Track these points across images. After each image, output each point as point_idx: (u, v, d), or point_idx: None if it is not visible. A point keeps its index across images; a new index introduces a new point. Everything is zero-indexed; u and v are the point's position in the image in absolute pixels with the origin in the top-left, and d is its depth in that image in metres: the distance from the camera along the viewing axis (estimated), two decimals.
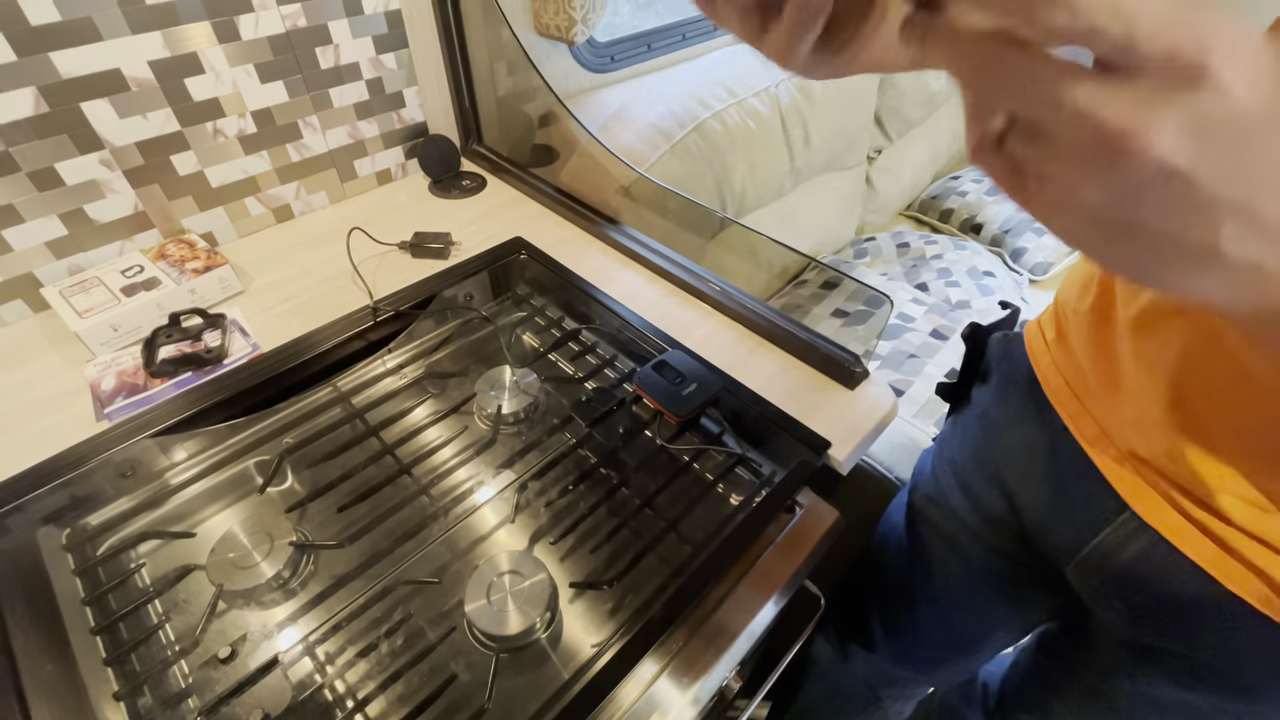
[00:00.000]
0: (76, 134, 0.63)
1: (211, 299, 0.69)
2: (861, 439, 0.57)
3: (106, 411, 0.57)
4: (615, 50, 1.12)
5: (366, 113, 0.83)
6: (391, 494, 0.55)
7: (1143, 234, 0.19)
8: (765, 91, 1.12)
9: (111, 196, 0.67)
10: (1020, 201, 0.21)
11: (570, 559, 0.52)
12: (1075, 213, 0.19)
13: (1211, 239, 0.18)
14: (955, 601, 0.61)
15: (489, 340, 0.71)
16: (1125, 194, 0.18)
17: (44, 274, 0.66)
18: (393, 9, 0.79)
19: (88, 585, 0.49)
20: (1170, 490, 0.38)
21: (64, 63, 0.59)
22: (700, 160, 1.01)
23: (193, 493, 0.55)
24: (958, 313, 1.16)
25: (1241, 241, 0.18)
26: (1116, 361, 0.41)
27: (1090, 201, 0.19)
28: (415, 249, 0.77)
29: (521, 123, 0.98)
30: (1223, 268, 0.19)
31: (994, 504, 0.53)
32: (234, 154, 0.74)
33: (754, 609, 0.48)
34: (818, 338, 0.64)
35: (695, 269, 0.73)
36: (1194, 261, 0.19)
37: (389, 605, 0.48)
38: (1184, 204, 0.18)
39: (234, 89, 0.71)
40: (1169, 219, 0.18)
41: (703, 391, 0.58)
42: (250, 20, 0.68)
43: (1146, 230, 0.18)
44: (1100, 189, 0.18)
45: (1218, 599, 0.38)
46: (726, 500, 0.56)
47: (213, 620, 0.47)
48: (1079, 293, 0.47)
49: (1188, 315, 0.35)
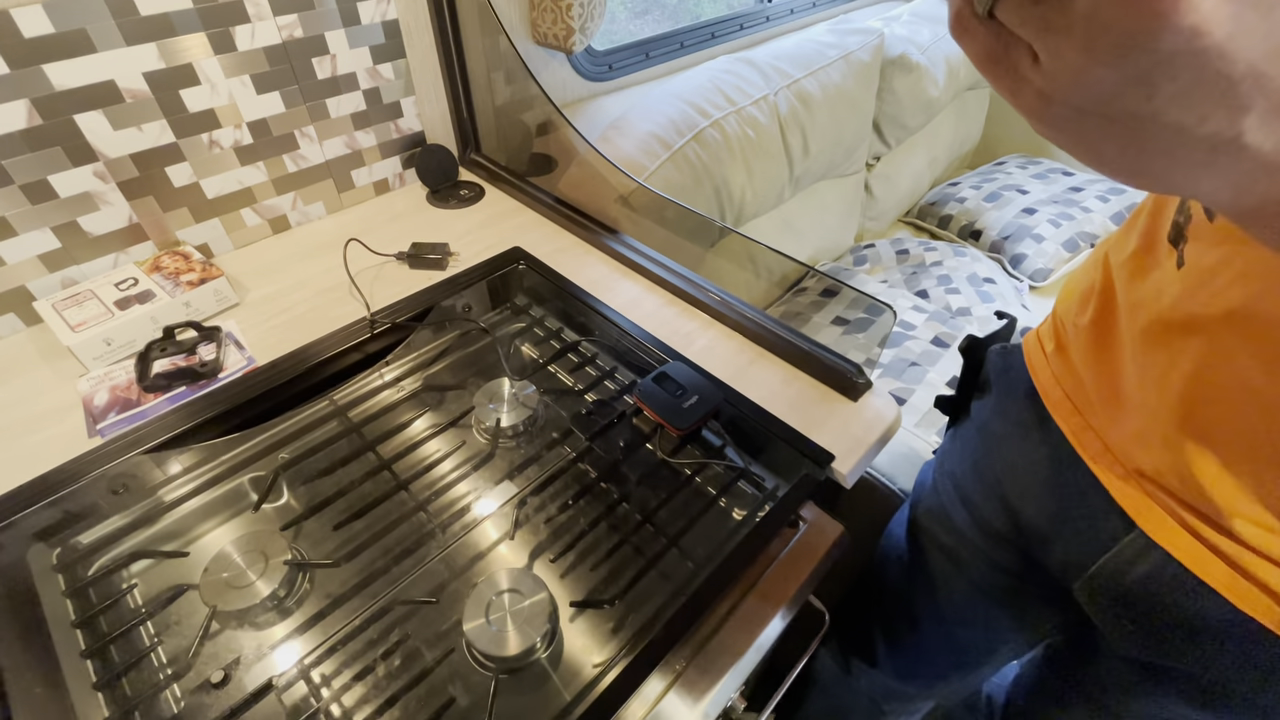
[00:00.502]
0: (70, 146, 0.62)
1: (206, 312, 0.68)
2: (865, 451, 0.56)
3: (99, 427, 0.57)
4: (613, 59, 1.12)
5: (364, 123, 0.82)
6: (389, 510, 0.54)
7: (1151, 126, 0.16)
8: (764, 100, 1.11)
9: (105, 209, 0.67)
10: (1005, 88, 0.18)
11: (570, 576, 0.51)
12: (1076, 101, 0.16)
13: (1233, 129, 0.16)
14: (958, 617, 0.61)
15: (487, 352, 0.71)
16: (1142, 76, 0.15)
17: (37, 287, 0.66)
18: (390, 19, 0.78)
19: (78, 607, 0.48)
20: (1179, 509, 0.38)
21: (57, 75, 0.59)
22: (699, 169, 1.01)
23: (186, 510, 0.54)
24: (958, 320, 1.15)
25: (1266, 130, 0.16)
26: (1120, 377, 0.41)
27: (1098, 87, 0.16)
28: (413, 260, 0.76)
29: (519, 132, 0.98)
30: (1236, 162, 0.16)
31: (996, 519, 0.52)
32: (230, 165, 0.73)
33: (759, 626, 0.47)
34: (819, 348, 0.63)
35: (695, 278, 0.72)
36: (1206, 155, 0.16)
37: (386, 626, 0.48)
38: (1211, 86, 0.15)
39: (230, 100, 0.70)
40: (1189, 107, 0.15)
41: (704, 404, 0.57)
42: (246, 31, 0.68)
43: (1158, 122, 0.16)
44: (1113, 69, 0.15)
45: (1230, 620, 0.37)
46: (729, 515, 0.56)
47: (205, 642, 0.46)
48: (1078, 305, 0.46)
49: (1196, 333, 0.34)
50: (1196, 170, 0.17)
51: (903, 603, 0.66)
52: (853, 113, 1.30)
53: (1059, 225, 1.44)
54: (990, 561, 0.55)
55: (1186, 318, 0.35)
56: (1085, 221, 1.44)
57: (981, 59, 0.18)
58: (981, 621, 0.59)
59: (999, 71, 0.18)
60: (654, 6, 1.63)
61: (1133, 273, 0.40)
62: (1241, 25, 0.14)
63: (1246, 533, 0.35)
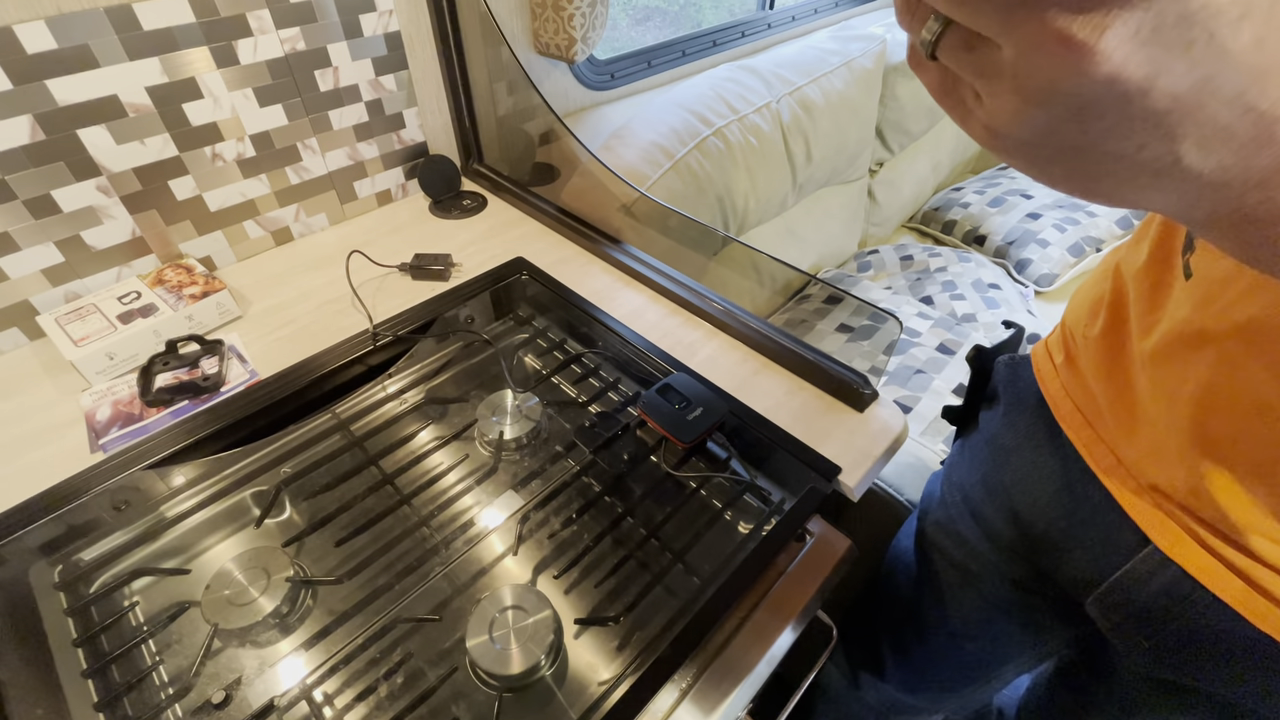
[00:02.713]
0: (73, 161, 0.62)
1: (209, 324, 0.68)
2: (873, 463, 0.55)
3: (101, 442, 0.56)
4: (615, 68, 1.12)
5: (366, 134, 0.83)
6: (391, 526, 0.54)
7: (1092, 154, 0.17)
8: (766, 108, 1.11)
9: (109, 223, 0.67)
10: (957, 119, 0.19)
11: (575, 592, 0.50)
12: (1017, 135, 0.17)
13: (1170, 155, 0.16)
14: (967, 630, 0.60)
15: (490, 363, 0.70)
16: (1070, 116, 0.16)
17: (40, 301, 0.66)
18: (392, 31, 0.78)
19: (80, 625, 0.47)
20: (1194, 525, 0.37)
21: (60, 90, 0.59)
22: (702, 177, 1.00)
23: (188, 526, 0.54)
24: (964, 326, 1.15)
25: (1206, 152, 0.16)
26: (1132, 391, 0.40)
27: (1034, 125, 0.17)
28: (416, 271, 0.76)
29: (522, 142, 0.98)
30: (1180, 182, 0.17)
31: (1005, 532, 0.52)
32: (233, 178, 0.73)
33: (767, 643, 0.47)
34: (824, 358, 0.63)
35: (698, 288, 0.72)
36: (1150, 178, 0.17)
37: (388, 644, 0.47)
38: (1140, 121, 0.16)
39: (233, 113, 0.70)
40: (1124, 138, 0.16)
41: (708, 416, 0.57)
42: (249, 45, 0.68)
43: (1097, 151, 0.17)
44: (1044, 110, 0.16)
45: (1246, 637, 0.36)
46: (735, 529, 0.55)
47: (207, 661, 0.46)
48: (1088, 316, 0.45)
49: (1208, 347, 0.34)
50: (1145, 189, 0.18)
51: (911, 615, 0.66)
52: (855, 119, 1.30)
53: (1064, 230, 1.43)
54: (1000, 575, 0.55)
55: (1198, 331, 0.34)
56: (1091, 226, 1.44)
57: (934, 91, 0.20)
58: (991, 635, 0.59)
59: (949, 104, 0.19)
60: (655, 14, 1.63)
61: (1144, 284, 0.40)
62: (1159, 67, 0.15)
63: (1262, 548, 0.34)
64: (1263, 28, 0.15)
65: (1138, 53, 0.15)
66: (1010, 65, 0.16)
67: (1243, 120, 0.15)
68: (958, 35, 0.18)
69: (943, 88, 0.19)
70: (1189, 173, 0.17)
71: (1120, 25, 0.14)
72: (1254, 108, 0.15)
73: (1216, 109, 0.15)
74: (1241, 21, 0.15)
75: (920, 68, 0.19)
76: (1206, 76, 0.15)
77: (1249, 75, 0.15)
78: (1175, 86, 0.15)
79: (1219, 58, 0.15)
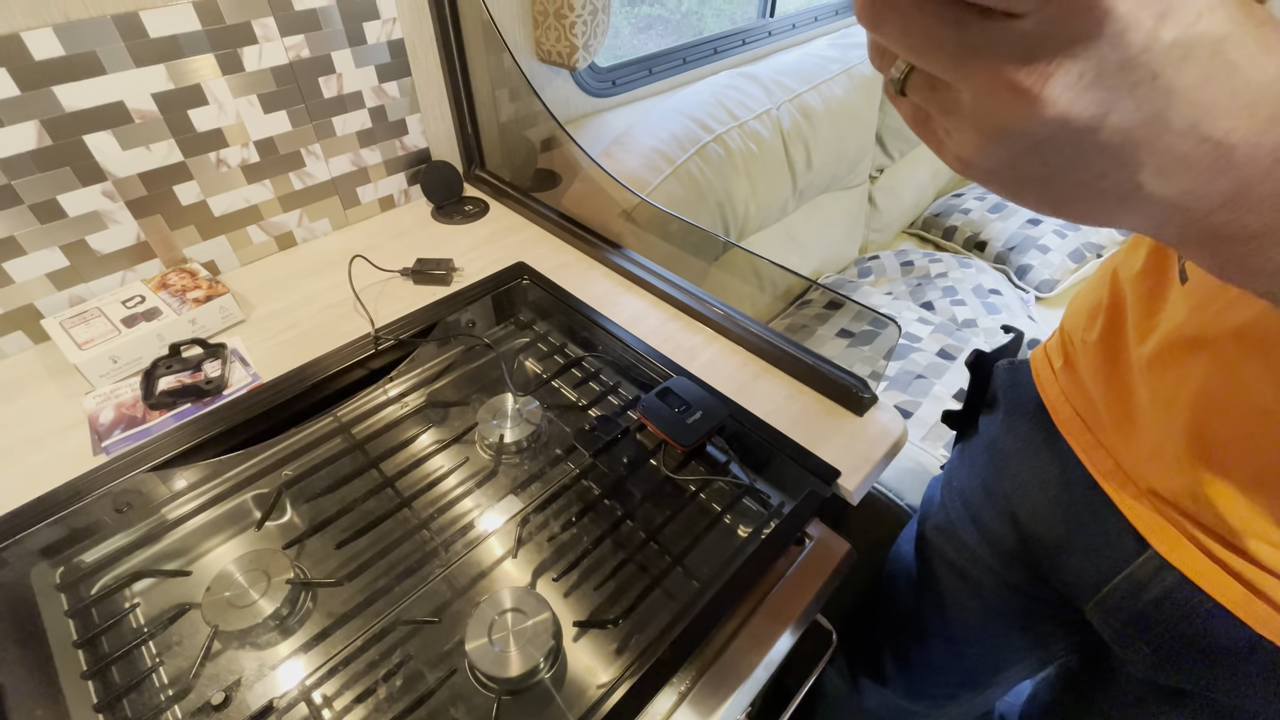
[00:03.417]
0: (79, 166, 0.63)
1: (212, 328, 0.69)
2: (872, 467, 0.56)
3: (104, 445, 0.57)
4: (616, 75, 1.13)
5: (369, 140, 0.83)
6: (391, 528, 0.54)
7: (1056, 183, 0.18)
8: (766, 114, 1.12)
9: (113, 227, 0.67)
10: (931, 147, 0.20)
11: (574, 595, 0.50)
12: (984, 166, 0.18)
13: (1131, 183, 0.17)
14: (968, 636, 0.60)
15: (491, 367, 0.71)
16: (1029, 151, 0.17)
17: (44, 305, 0.66)
18: (395, 38, 0.79)
19: (80, 627, 0.47)
20: (1193, 530, 0.37)
21: (67, 96, 0.60)
22: (703, 183, 1.01)
23: (190, 528, 0.54)
24: (964, 332, 1.15)
25: (1166, 178, 0.17)
26: (1130, 395, 0.40)
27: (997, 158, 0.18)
28: (417, 275, 0.76)
29: (523, 148, 0.98)
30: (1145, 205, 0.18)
31: (1006, 537, 0.52)
32: (237, 183, 0.74)
33: (765, 647, 0.47)
34: (824, 362, 0.63)
35: (698, 293, 0.72)
36: (1115, 202, 0.18)
37: (388, 646, 0.47)
38: (1096, 154, 0.17)
39: (237, 119, 0.71)
40: (1083, 168, 0.17)
41: (708, 419, 0.57)
42: (254, 52, 0.69)
43: (1061, 179, 0.18)
44: (1004, 147, 0.17)
45: (1247, 642, 0.36)
46: (734, 532, 0.55)
47: (207, 663, 0.46)
48: (1086, 321, 0.46)
49: (1206, 351, 0.34)
50: (1113, 212, 0.18)
51: (911, 620, 0.65)
52: (855, 126, 1.31)
53: (1064, 236, 1.43)
54: (1001, 580, 0.55)
55: (1195, 335, 0.35)
56: (1091, 232, 1.44)
57: (909, 123, 0.21)
58: (992, 640, 0.58)
59: (923, 134, 0.20)
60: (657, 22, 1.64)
61: (1141, 289, 0.40)
62: (1107, 106, 0.16)
63: (1261, 553, 0.34)
64: (1207, 65, 0.15)
65: (1084, 95, 0.15)
66: (968, 106, 0.17)
67: (1199, 149, 0.16)
68: (922, 76, 0.19)
69: (916, 120, 0.20)
70: (1153, 197, 0.17)
71: (1063, 73, 0.15)
72: (1208, 137, 0.16)
73: (1171, 140, 0.16)
74: (1184, 62, 0.15)
75: (895, 101, 0.21)
76: (1155, 112, 0.16)
77: (1199, 109, 0.16)
78: (1126, 123, 0.16)
79: (1166, 95, 0.15)
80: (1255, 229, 0.17)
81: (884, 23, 0.17)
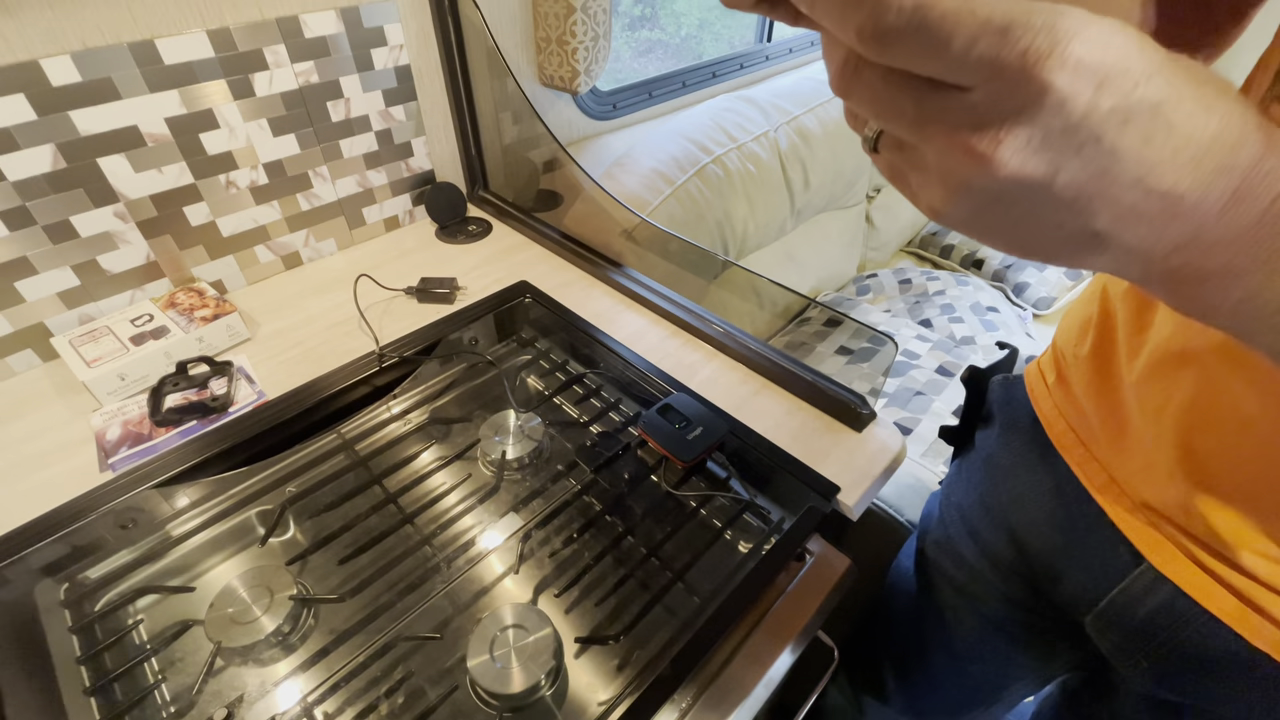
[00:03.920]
0: (92, 188, 0.64)
1: (219, 346, 0.69)
2: (871, 483, 0.56)
3: (110, 462, 0.57)
4: (617, 98, 1.15)
5: (375, 162, 0.85)
6: (394, 545, 0.54)
7: (1020, 230, 0.19)
8: (764, 136, 1.14)
9: (124, 247, 0.69)
10: (907, 197, 0.22)
11: (575, 611, 0.51)
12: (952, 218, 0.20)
13: (1088, 231, 0.18)
14: (970, 652, 0.59)
15: (493, 384, 0.71)
16: (991, 203, 0.18)
17: (55, 324, 0.67)
18: (402, 64, 0.81)
19: (84, 643, 0.48)
20: (1187, 542, 0.37)
21: (83, 121, 0.61)
22: (702, 203, 1.03)
23: (194, 544, 0.55)
24: (963, 349, 1.16)
25: (1121, 226, 0.18)
26: (1121, 409, 0.41)
27: (962, 211, 0.19)
28: (421, 294, 0.77)
29: (526, 169, 1.00)
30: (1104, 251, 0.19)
31: (1004, 551, 0.52)
32: (245, 204, 0.76)
33: (766, 663, 0.47)
34: (822, 379, 0.63)
35: (698, 310, 0.73)
36: (1075, 248, 0.19)
37: (390, 662, 0.47)
38: (1053, 207, 0.18)
39: (247, 142, 0.72)
40: (1042, 218, 0.18)
41: (708, 435, 0.58)
42: (265, 78, 0.71)
43: (1025, 226, 0.19)
44: (968, 200, 0.19)
45: (1244, 655, 0.36)
46: (735, 548, 0.55)
47: (209, 680, 0.46)
48: (1077, 336, 0.46)
49: (1192, 365, 0.35)
50: (1075, 255, 0.20)
51: (913, 637, 0.65)
52: (851, 147, 1.33)
53: None
54: (1001, 595, 0.55)
55: (1181, 349, 0.35)
56: None
57: (885, 175, 0.22)
58: (993, 656, 0.58)
59: (899, 186, 0.22)
60: (657, 46, 1.68)
61: (1130, 305, 0.41)
62: (1056, 165, 0.17)
63: (1254, 564, 0.35)
64: (1148, 127, 0.16)
65: (1033, 157, 0.17)
66: (933, 164, 0.19)
67: (1147, 200, 0.17)
68: (891, 136, 0.20)
69: (891, 173, 0.22)
70: (1109, 243, 0.19)
71: (1012, 139, 0.17)
72: (1154, 190, 0.17)
73: (1120, 193, 0.17)
74: (1125, 125, 0.16)
75: (871, 156, 0.22)
76: (1102, 170, 0.17)
77: (1143, 166, 0.17)
78: (1075, 180, 0.17)
79: (1110, 155, 0.17)
80: (1211, 269, 0.19)
81: (853, 93, 0.19)
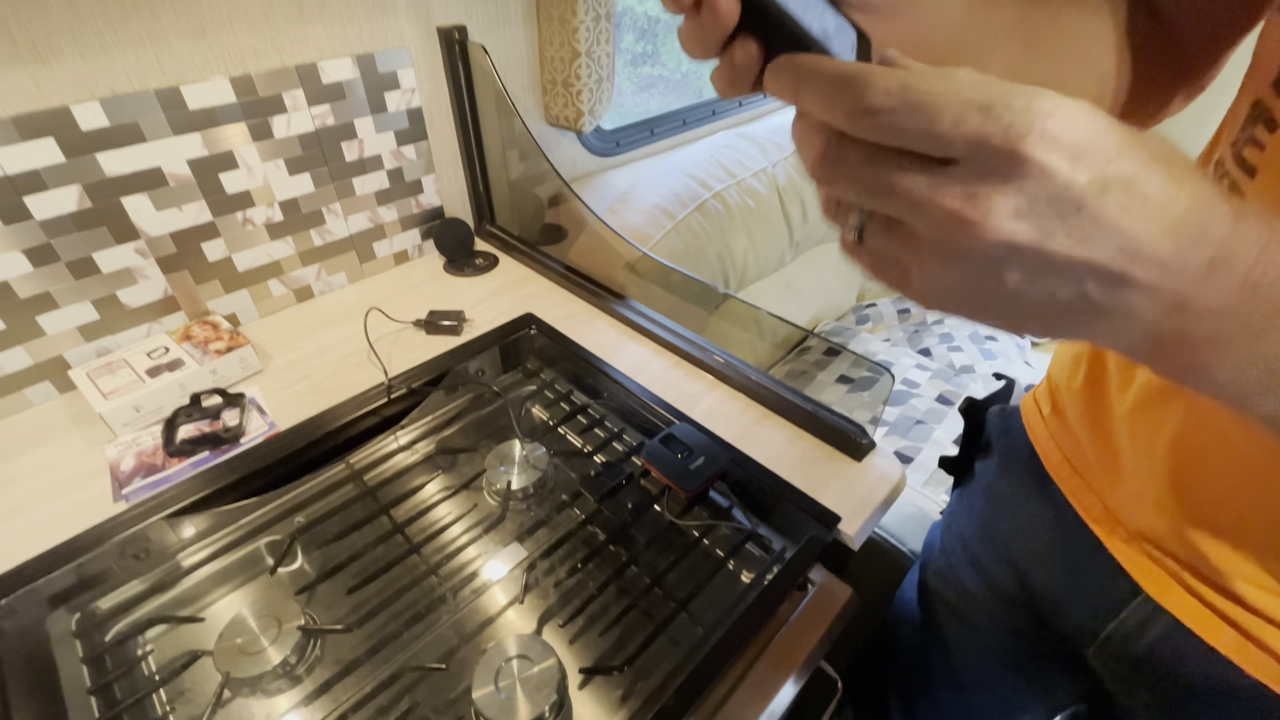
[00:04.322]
0: (115, 225, 0.66)
1: (232, 378, 0.71)
2: (871, 512, 0.57)
3: (124, 492, 0.58)
4: (620, 136, 1.19)
5: (386, 199, 0.88)
6: (400, 575, 0.55)
7: (1016, 303, 0.20)
8: (763, 172, 1.17)
9: (143, 283, 0.71)
10: (894, 288, 0.22)
11: (579, 641, 0.51)
12: (946, 296, 0.21)
13: (1079, 294, 0.19)
14: (974, 683, 0.59)
15: (499, 414, 0.73)
16: (984, 273, 0.19)
17: (73, 356, 0.69)
18: (414, 107, 0.85)
19: (94, 674, 0.48)
20: (1182, 573, 0.38)
21: (109, 162, 0.64)
22: (702, 237, 1.05)
23: (204, 574, 0.55)
24: (962, 378, 1.17)
25: (1108, 289, 0.19)
26: (1114, 440, 0.42)
27: (955, 284, 0.20)
28: (430, 326, 0.79)
29: (532, 204, 1.03)
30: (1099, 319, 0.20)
31: (1006, 582, 0.52)
32: (261, 240, 0.78)
33: (770, 693, 0.47)
34: (822, 409, 0.65)
35: (700, 341, 0.75)
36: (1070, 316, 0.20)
37: (396, 693, 0.48)
38: (1044, 273, 0.19)
39: (264, 182, 0.75)
40: (1035, 287, 0.19)
41: (710, 465, 0.58)
42: (283, 120, 0.74)
43: (1018, 299, 0.20)
44: (959, 273, 0.20)
45: (1244, 686, 0.37)
46: (737, 578, 0.56)
47: (217, 711, 0.46)
48: (1070, 369, 0.48)
49: (1179, 398, 0.36)
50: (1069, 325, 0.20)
51: (917, 668, 0.65)
52: None
53: None
54: (1004, 625, 0.55)
55: (1168, 382, 0.37)
56: None
57: (869, 271, 0.23)
58: (998, 688, 0.58)
59: (885, 280, 0.22)
60: (658, 81, 1.73)
61: None
62: (1043, 233, 0.18)
63: (1249, 594, 0.35)
64: (1124, 199, 0.18)
65: (1021, 223, 0.18)
66: (926, 238, 0.20)
67: (1133, 266, 0.19)
68: (877, 223, 0.21)
69: (876, 268, 0.23)
70: (1100, 308, 0.19)
71: (999, 207, 0.18)
72: (1138, 255, 0.18)
73: (1105, 259, 0.18)
74: (1103, 196, 0.18)
75: (853, 254, 0.23)
76: (1086, 237, 0.18)
77: (1124, 234, 0.18)
78: (1061, 246, 0.18)
79: (1093, 223, 0.18)
80: (1202, 335, 0.20)
81: (836, 177, 0.20)
